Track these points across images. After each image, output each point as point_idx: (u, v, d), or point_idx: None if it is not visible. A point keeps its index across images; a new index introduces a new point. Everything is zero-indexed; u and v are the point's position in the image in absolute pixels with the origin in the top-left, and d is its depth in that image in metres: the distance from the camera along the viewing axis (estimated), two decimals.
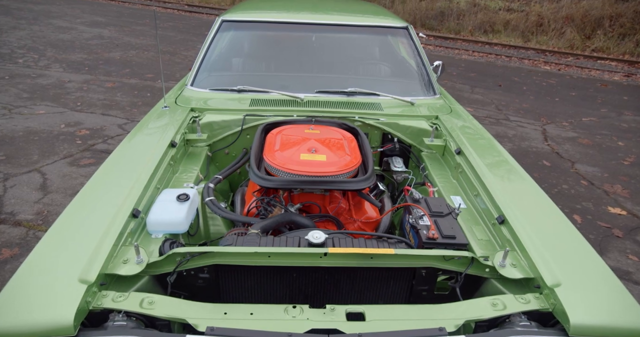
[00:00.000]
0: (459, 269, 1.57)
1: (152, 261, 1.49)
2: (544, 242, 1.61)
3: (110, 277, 1.44)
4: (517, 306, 1.40)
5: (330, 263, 1.53)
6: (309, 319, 1.34)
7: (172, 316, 1.32)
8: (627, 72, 9.40)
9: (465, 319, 1.36)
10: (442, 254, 1.52)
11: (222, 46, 3.02)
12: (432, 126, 2.55)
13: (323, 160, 1.97)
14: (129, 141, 2.17)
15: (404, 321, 1.36)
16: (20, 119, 5.40)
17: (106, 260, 1.43)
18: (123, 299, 1.34)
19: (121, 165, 1.95)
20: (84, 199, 1.71)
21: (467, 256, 1.53)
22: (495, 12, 14.73)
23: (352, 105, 2.63)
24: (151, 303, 1.34)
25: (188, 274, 1.56)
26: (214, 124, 2.50)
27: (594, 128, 6.11)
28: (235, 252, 1.48)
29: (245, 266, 1.55)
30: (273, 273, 1.58)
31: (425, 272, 1.60)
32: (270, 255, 1.50)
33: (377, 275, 1.60)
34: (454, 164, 2.29)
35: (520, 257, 1.60)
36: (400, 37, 3.10)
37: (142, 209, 1.74)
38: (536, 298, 1.44)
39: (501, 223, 1.76)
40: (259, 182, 1.88)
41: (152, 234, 1.71)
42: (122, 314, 1.32)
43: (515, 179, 2.02)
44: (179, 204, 1.78)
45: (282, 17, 2.98)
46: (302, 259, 1.51)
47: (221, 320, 1.33)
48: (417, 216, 1.81)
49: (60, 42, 9.85)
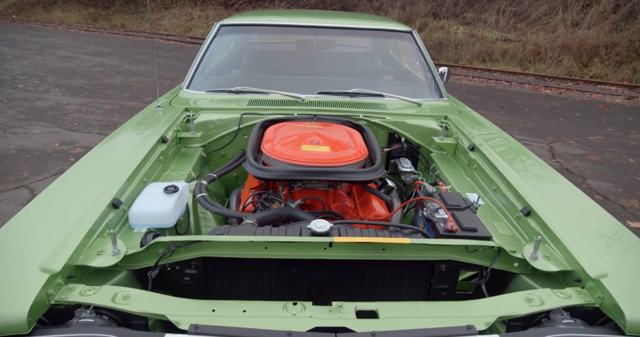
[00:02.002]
0: (484, 263, 1.37)
1: (131, 253, 1.30)
2: (579, 230, 1.41)
3: (80, 271, 1.24)
4: (556, 301, 1.19)
5: (336, 255, 1.33)
6: (312, 317, 1.13)
7: (149, 311, 1.11)
8: (628, 96, 9.38)
9: (497, 316, 1.15)
10: (464, 244, 1.32)
11: (220, 50, 2.92)
12: (442, 125, 2.40)
13: (326, 151, 1.80)
14: (114, 136, 2.01)
15: (424, 318, 1.15)
16: (14, 138, 5.28)
17: (77, 250, 1.23)
18: (93, 293, 1.13)
19: (104, 157, 1.78)
20: (58, 187, 1.53)
21: (494, 245, 1.33)
22: (492, 42, 14.97)
23: (355, 105, 2.49)
24: (126, 297, 1.13)
25: (172, 270, 1.35)
26: (210, 123, 2.35)
27: (601, 146, 5.97)
28: (227, 241, 1.28)
29: (238, 259, 1.35)
30: (270, 269, 1.38)
31: (445, 267, 1.39)
32: (268, 246, 1.31)
33: (390, 271, 1.40)
34: (468, 161, 2.12)
35: (554, 249, 1.40)
36: (405, 40, 3.00)
37: (125, 201, 1.55)
38: (578, 292, 1.23)
39: (527, 215, 1.57)
40: (255, 173, 1.70)
41: (135, 229, 1.51)
42: (90, 310, 1.11)
43: (537, 170, 1.84)
44: (167, 196, 1.59)
45: (282, 21, 2.90)
46: (304, 250, 1.31)
47: (208, 317, 1.12)
48: (432, 209, 1.62)
49: (62, 69, 9.91)
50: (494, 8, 16.21)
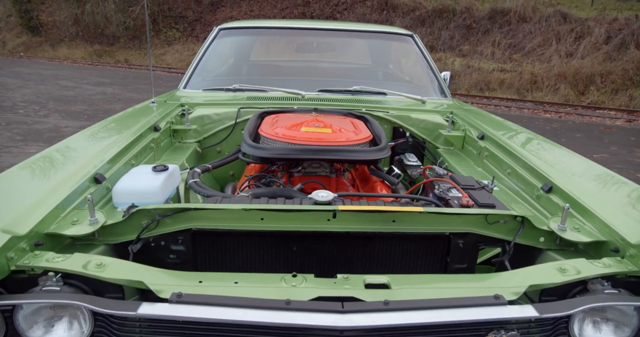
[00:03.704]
0: (506, 237, 1.22)
1: (110, 223, 1.16)
2: (608, 199, 1.28)
3: (52, 240, 1.09)
4: (594, 270, 1.04)
5: (340, 227, 1.19)
6: (314, 288, 0.98)
7: (125, 278, 0.96)
8: (627, 119, 9.39)
9: (529, 284, 1.00)
10: (484, 213, 1.19)
11: (218, 52, 2.87)
12: (448, 118, 2.30)
13: (328, 132, 1.69)
14: (101, 123, 1.91)
15: (443, 289, 1.00)
16: (8, 156, 5.19)
17: (48, 216, 1.09)
18: (62, 260, 0.99)
19: (90, 137, 1.67)
20: (37, 159, 1.41)
21: (517, 215, 1.19)
22: (489, 73, 15.21)
23: (357, 101, 2.41)
24: (100, 266, 0.98)
25: (157, 245, 1.20)
26: (205, 117, 2.25)
27: (607, 163, 5.86)
28: (219, 208, 1.15)
29: (231, 234, 1.20)
30: (267, 245, 1.23)
31: (462, 243, 1.24)
32: (264, 217, 1.17)
33: (401, 248, 1.25)
34: (478, 151, 2.00)
35: (583, 222, 1.25)
36: (407, 43, 2.96)
37: (109, 178, 1.42)
38: (618, 262, 1.08)
39: (548, 191, 1.43)
40: (252, 152, 1.58)
41: (119, 207, 1.38)
42: (57, 278, 0.96)
43: (552, 149, 1.74)
44: (155, 174, 1.46)
45: (282, 24, 2.87)
46: (305, 222, 1.17)
47: (194, 287, 0.97)
48: (444, 188, 1.49)
49: (64, 97, 9.98)
50: (489, 40, 16.59)
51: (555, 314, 0.93)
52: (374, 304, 0.92)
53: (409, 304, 0.92)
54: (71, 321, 0.95)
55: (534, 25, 16.12)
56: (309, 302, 0.92)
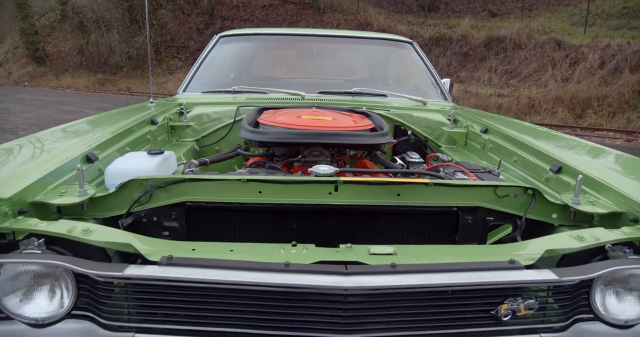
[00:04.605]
0: (517, 212, 1.16)
1: (99, 196, 1.10)
2: (622, 174, 1.23)
3: (37, 210, 1.04)
4: (613, 236, 0.98)
5: (342, 201, 1.13)
6: (316, 255, 0.92)
7: (112, 241, 0.90)
8: (627, 139, 9.42)
9: (545, 249, 0.93)
10: (493, 184, 1.13)
11: (218, 58, 2.88)
12: (450, 116, 2.27)
13: (329, 119, 1.66)
14: (96, 116, 1.88)
15: (454, 256, 0.94)
16: None
17: (34, 185, 1.04)
18: (46, 225, 0.93)
19: (85, 123, 1.63)
20: (28, 139, 1.37)
21: (527, 186, 1.14)
22: (487, 98, 15.38)
23: (358, 102, 2.39)
24: (86, 231, 0.92)
25: (149, 222, 1.14)
26: (204, 115, 2.22)
27: None
28: (215, 179, 1.09)
29: (227, 209, 1.14)
30: (265, 223, 1.17)
31: (471, 219, 1.18)
32: (262, 189, 1.11)
33: (407, 224, 1.18)
34: (481, 145, 1.96)
35: (597, 197, 1.20)
36: (406, 50, 2.97)
37: (102, 160, 1.37)
38: (638, 229, 1.01)
39: (558, 172, 1.38)
40: (251, 137, 1.54)
41: (111, 189, 1.32)
42: (39, 242, 0.89)
43: (558, 137, 1.69)
44: (150, 157, 1.42)
45: (282, 31, 2.89)
46: (305, 195, 1.12)
47: (187, 253, 0.90)
48: (450, 172, 1.45)
49: (65, 120, 10.01)
50: (485, 67, 16.88)
51: (576, 277, 0.86)
52: (380, 267, 0.85)
53: (418, 267, 0.85)
54: (53, 289, 0.88)
55: (529, 52, 16.42)
56: (310, 265, 0.85)
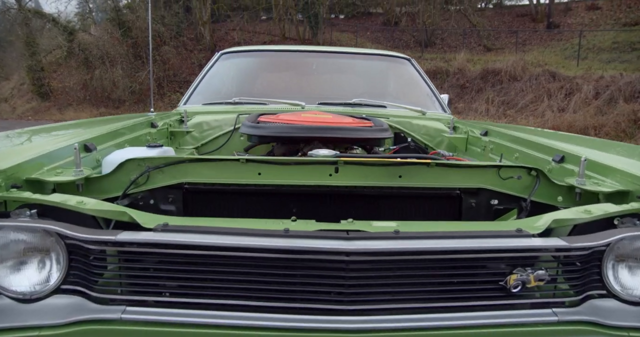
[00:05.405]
0: (521, 194, 1.14)
1: (95, 176, 1.08)
2: (626, 157, 1.22)
3: (31, 188, 1.02)
4: (622, 208, 0.96)
5: (343, 182, 1.11)
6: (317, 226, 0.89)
7: (106, 209, 0.87)
8: None
9: (553, 218, 0.91)
10: (496, 165, 1.12)
11: (219, 74, 2.94)
12: (450, 124, 2.28)
13: (329, 116, 1.66)
14: (96, 119, 1.90)
15: (459, 228, 0.91)
16: None
17: (30, 163, 1.03)
18: (39, 197, 0.91)
19: (84, 123, 1.64)
20: (24, 130, 1.37)
21: (531, 167, 1.12)
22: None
23: (358, 112, 2.41)
24: (80, 203, 0.90)
25: (146, 205, 1.12)
26: (204, 123, 2.23)
27: None
28: (214, 158, 1.08)
29: (225, 193, 1.13)
30: (264, 207, 1.14)
31: (475, 203, 1.16)
32: (262, 171, 1.10)
33: (408, 208, 1.16)
34: (482, 147, 1.96)
35: (603, 179, 1.18)
36: (404, 65, 3.03)
37: (100, 150, 1.37)
38: None
39: (560, 161, 1.37)
40: (251, 132, 1.53)
41: None
42: (31, 213, 0.87)
43: (559, 134, 1.69)
44: (148, 149, 1.41)
45: (282, 47, 2.96)
46: (305, 177, 1.10)
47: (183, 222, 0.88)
48: None
49: None
50: (482, 98, 17.17)
51: (587, 243, 0.83)
52: (383, 233, 0.82)
53: (423, 234, 0.83)
54: (43, 261, 0.85)
55: (525, 84, 16.77)
56: (311, 232, 0.83)
